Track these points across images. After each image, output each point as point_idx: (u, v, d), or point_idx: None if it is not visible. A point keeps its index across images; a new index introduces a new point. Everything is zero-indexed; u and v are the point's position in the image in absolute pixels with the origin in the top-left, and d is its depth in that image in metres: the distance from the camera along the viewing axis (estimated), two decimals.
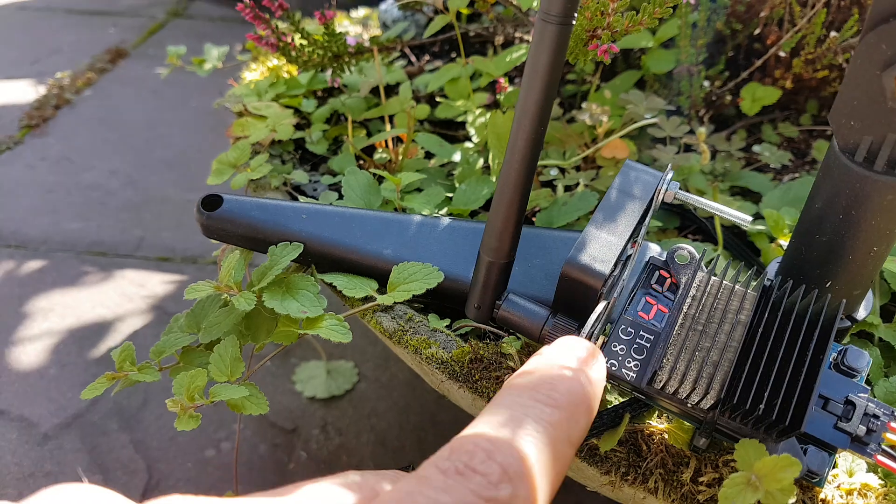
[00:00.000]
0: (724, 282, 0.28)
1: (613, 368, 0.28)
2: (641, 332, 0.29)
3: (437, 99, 0.60)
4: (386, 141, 0.55)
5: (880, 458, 0.26)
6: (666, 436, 0.29)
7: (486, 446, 0.20)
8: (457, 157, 0.51)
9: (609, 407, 0.29)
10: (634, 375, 0.28)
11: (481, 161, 0.50)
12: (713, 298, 0.27)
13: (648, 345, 0.28)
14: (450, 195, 0.48)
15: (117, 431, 0.70)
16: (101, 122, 1.22)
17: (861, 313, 0.31)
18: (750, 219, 0.31)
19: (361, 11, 0.79)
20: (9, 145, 1.15)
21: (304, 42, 0.51)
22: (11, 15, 1.60)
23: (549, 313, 0.31)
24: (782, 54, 0.53)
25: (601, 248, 0.30)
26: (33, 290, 0.87)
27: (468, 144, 0.54)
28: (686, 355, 0.26)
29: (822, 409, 0.26)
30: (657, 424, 0.29)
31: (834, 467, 0.28)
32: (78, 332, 0.81)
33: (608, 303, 0.30)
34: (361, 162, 0.53)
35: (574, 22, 0.25)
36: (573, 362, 0.23)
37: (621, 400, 0.30)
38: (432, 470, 0.19)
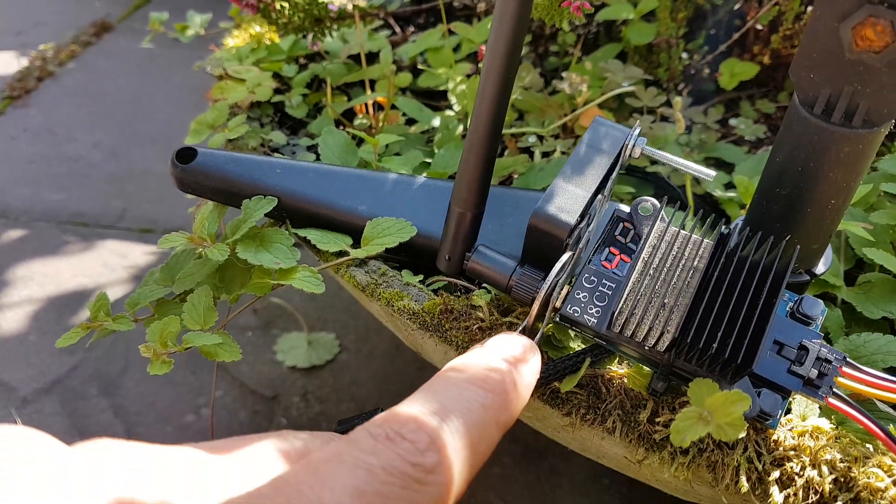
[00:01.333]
0: (682, 231, 0.28)
1: (576, 315, 0.29)
2: (604, 281, 0.29)
3: (420, 67, 0.60)
4: (366, 107, 0.55)
5: (831, 400, 0.27)
6: (625, 380, 0.29)
7: (418, 417, 0.21)
8: (436, 122, 0.52)
9: (570, 353, 0.30)
10: (595, 321, 0.29)
11: (461, 127, 0.51)
12: (671, 247, 0.28)
13: (610, 292, 0.29)
14: (428, 160, 0.48)
15: (97, 396, 0.70)
16: (85, 95, 1.21)
17: (820, 268, 0.32)
18: (714, 174, 0.31)
19: None
20: None
21: (285, 4, 0.51)
22: None
23: (517, 264, 0.32)
24: (760, 28, 0.54)
25: (568, 199, 0.30)
26: (13, 259, 0.87)
27: (449, 112, 0.54)
28: (643, 300, 0.27)
29: (776, 354, 0.27)
30: (617, 369, 0.30)
31: (788, 411, 0.29)
32: (58, 301, 0.81)
33: (573, 253, 0.31)
34: (341, 127, 0.53)
35: None
36: (508, 358, 0.25)
37: (584, 346, 0.31)
38: (363, 434, 0.20)
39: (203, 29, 0.68)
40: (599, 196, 0.32)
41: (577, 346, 0.32)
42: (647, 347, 0.27)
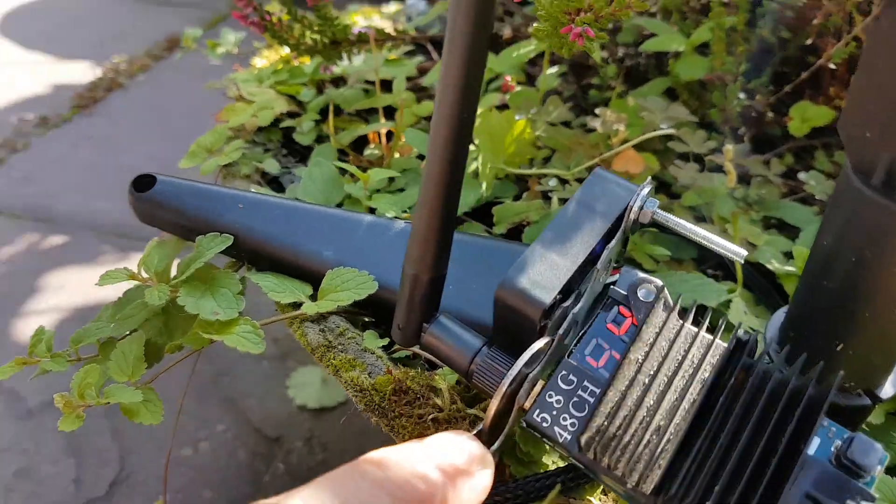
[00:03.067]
0: (688, 325, 0.21)
1: (544, 424, 0.22)
2: (585, 383, 0.23)
3: None
4: (380, 136, 0.50)
5: None
6: None
7: None
8: None
9: (538, 473, 0.23)
10: (569, 437, 0.22)
11: (474, 164, 0.45)
12: (671, 347, 0.21)
13: (592, 399, 0.23)
14: None
15: (99, 416, 0.68)
16: (149, 108, 1.24)
17: (888, 391, 0.24)
18: (745, 253, 0.24)
19: (392, 7, 0.76)
20: (57, 123, 1.17)
21: (296, 24, 0.47)
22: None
23: (484, 343, 0.25)
24: (833, 66, 0.46)
25: (546, 271, 0.24)
26: (50, 266, 0.87)
27: None
28: (625, 419, 0.20)
29: None
30: (600, 502, 0.23)
31: None
32: (84, 311, 0.81)
33: (552, 339, 0.24)
34: (348, 157, 0.49)
35: None
36: (445, 466, 0.20)
37: (559, 465, 0.24)
38: None
39: (236, 48, 0.66)
40: (596, 268, 0.26)
41: (551, 462, 0.25)
42: (629, 486, 0.20)
